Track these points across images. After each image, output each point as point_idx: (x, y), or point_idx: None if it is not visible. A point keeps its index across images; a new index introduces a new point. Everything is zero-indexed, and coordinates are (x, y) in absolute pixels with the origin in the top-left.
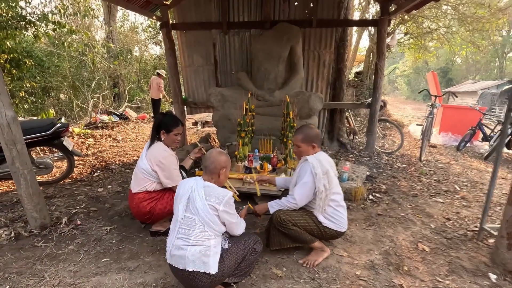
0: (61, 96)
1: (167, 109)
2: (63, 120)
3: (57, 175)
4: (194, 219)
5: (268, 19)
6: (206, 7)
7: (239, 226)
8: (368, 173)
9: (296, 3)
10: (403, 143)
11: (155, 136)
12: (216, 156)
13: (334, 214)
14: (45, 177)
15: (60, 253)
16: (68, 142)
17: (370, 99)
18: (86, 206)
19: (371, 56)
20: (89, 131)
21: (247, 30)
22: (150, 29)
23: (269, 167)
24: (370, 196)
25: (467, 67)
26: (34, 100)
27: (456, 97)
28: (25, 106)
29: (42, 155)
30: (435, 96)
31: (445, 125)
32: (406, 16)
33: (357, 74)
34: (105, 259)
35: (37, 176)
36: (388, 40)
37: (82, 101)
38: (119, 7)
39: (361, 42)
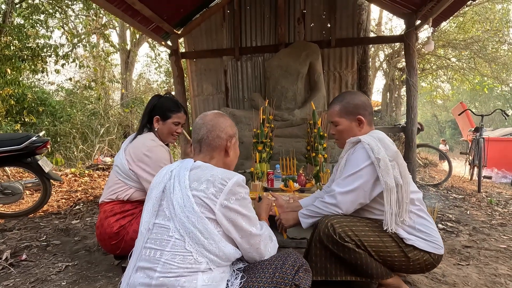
0: (74, 151)
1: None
2: (41, 134)
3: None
4: (168, 228)
5: (283, 42)
6: (218, 34)
7: (266, 240)
8: None
9: (312, 25)
10: (451, 172)
11: (145, 125)
12: (214, 118)
13: (422, 225)
14: (15, 207)
15: None
16: (45, 162)
17: (403, 121)
18: (48, 239)
19: (388, 94)
20: (86, 171)
21: (260, 54)
22: (164, 85)
23: (295, 185)
24: (440, 225)
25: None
26: None
27: (508, 116)
28: None
29: (12, 179)
30: (482, 116)
31: (489, 160)
32: (423, 50)
33: (375, 112)
34: None
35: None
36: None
37: (88, 146)
38: (136, 65)
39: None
